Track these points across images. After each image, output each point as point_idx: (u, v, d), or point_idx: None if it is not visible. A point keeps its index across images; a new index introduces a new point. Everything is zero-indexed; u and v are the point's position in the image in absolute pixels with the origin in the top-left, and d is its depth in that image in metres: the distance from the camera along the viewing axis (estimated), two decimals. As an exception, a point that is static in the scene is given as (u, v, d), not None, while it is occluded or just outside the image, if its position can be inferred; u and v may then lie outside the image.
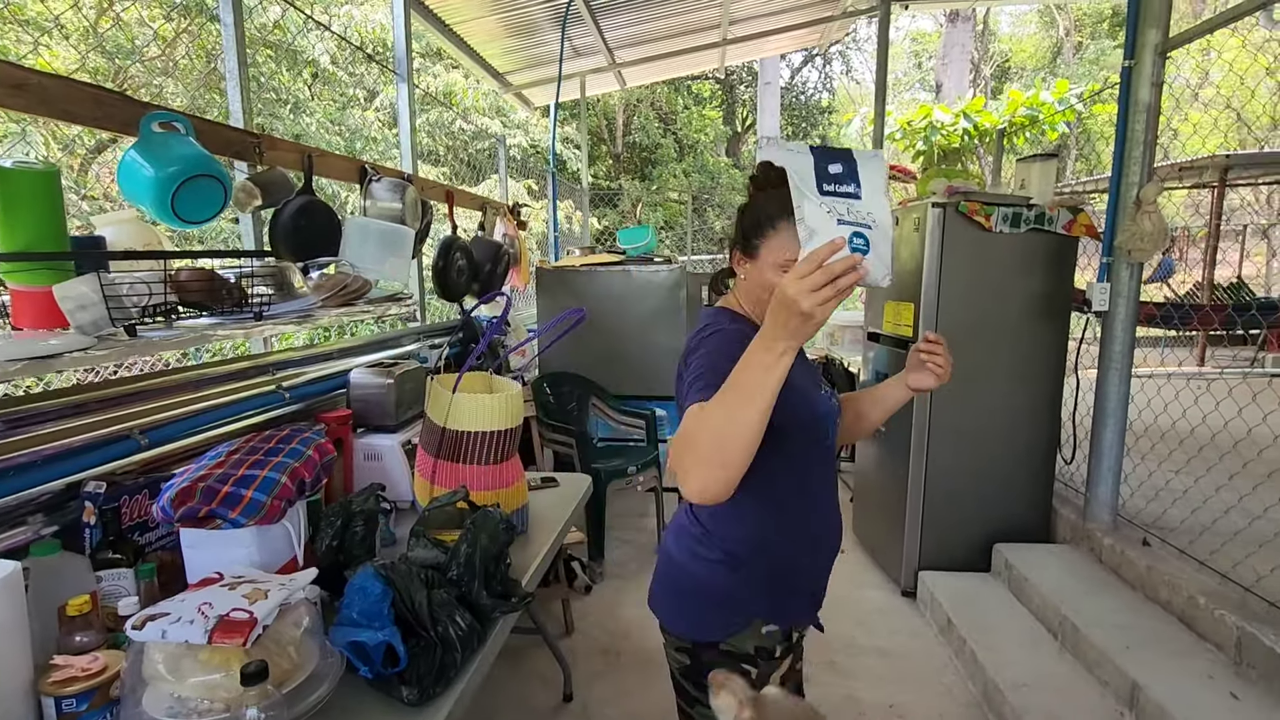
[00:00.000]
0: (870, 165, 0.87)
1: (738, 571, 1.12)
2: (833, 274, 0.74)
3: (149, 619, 0.93)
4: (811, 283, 0.74)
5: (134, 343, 1.03)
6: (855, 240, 0.82)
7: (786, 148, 0.86)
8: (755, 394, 0.82)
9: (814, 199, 0.84)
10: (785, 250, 1.03)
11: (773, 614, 1.14)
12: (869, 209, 0.85)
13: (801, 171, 0.85)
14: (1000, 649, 2.25)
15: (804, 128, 16.37)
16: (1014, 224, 2.63)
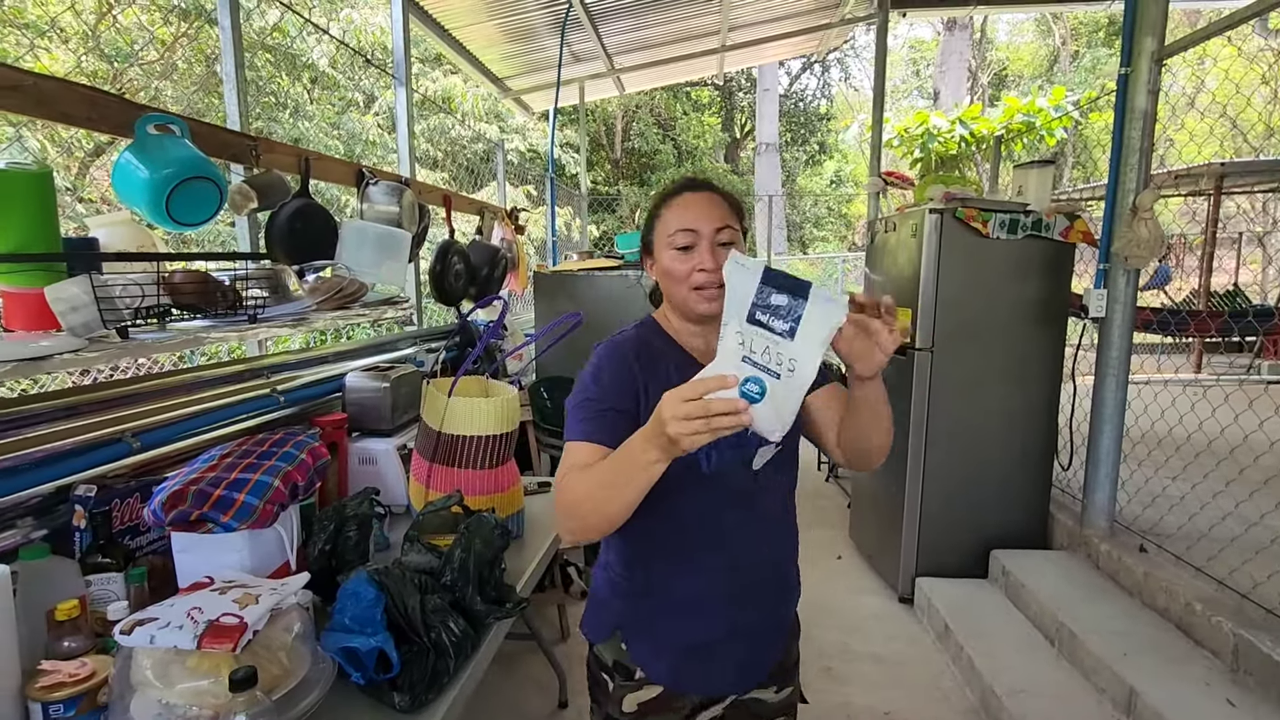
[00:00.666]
0: (822, 310, 0.78)
1: (608, 573, 1.10)
2: (708, 411, 0.70)
3: (137, 624, 0.92)
4: (686, 409, 0.71)
5: (125, 345, 1.02)
6: (749, 385, 0.75)
7: (741, 262, 0.80)
8: (626, 485, 0.82)
9: (736, 324, 0.79)
10: (667, 230, 1.01)
11: (637, 650, 1.06)
12: (793, 355, 0.77)
13: (741, 292, 0.80)
14: (997, 655, 2.24)
15: (802, 134, 16.43)
16: (1011, 230, 2.64)
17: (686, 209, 1.01)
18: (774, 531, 1.09)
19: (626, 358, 1.01)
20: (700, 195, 1.03)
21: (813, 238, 15.70)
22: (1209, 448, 2.68)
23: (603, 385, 0.98)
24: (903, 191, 5.42)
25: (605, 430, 0.94)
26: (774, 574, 1.10)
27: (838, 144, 16.96)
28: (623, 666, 1.07)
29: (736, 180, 14.41)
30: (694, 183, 1.05)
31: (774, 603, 1.11)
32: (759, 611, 1.08)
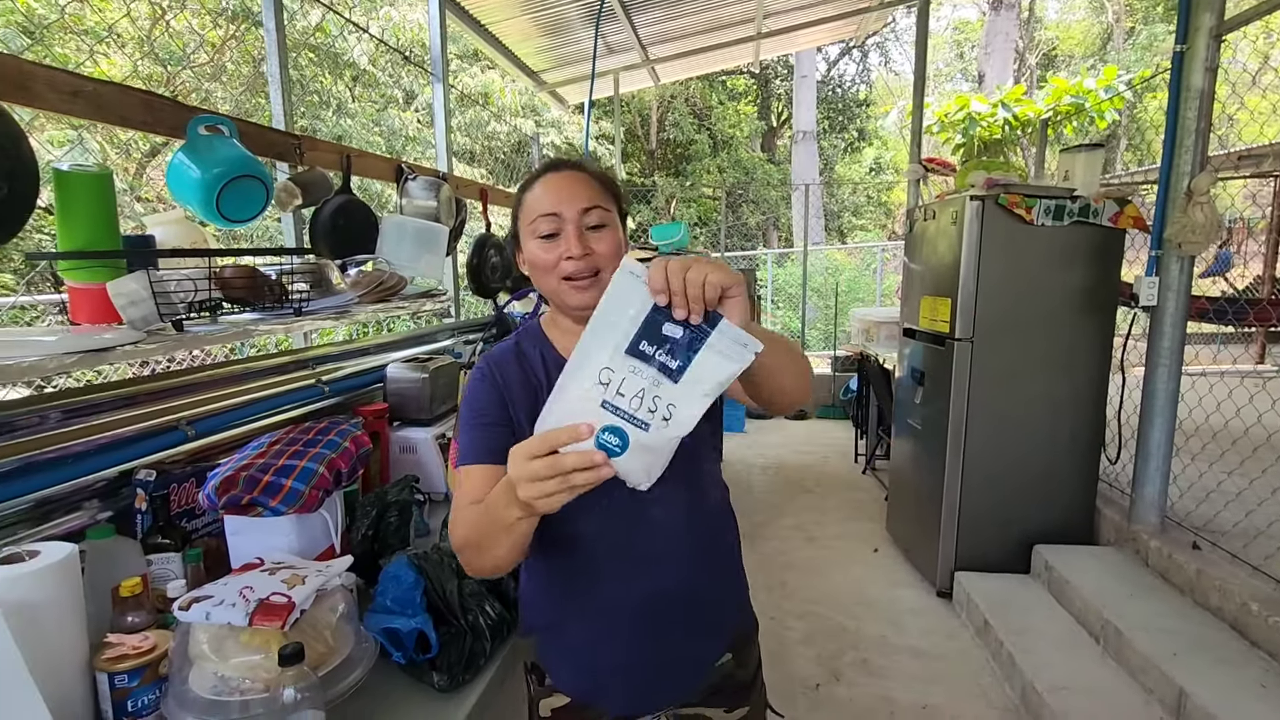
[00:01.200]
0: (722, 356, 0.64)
1: (527, 572, 1.05)
2: (561, 468, 0.62)
3: (194, 600, 0.98)
4: (533, 469, 0.62)
5: (181, 337, 1.07)
6: (607, 437, 0.62)
7: (634, 272, 0.65)
8: (502, 539, 0.77)
9: (606, 355, 0.64)
10: (529, 216, 0.92)
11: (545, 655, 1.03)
12: (673, 400, 0.64)
13: (624, 312, 0.65)
14: (1039, 652, 2.20)
15: (841, 121, 16.12)
16: (1057, 216, 2.56)
17: (548, 191, 0.91)
18: (683, 546, 0.97)
19: (489, 371, 0.95)
20: (564, 175, 0.93)
21: (851, 226, 15.42)
22: (1268, 441, 2.57)
23: (474, 402, 0.93)
24: (944, 178, 5.30)
25: (483, 448, 0.89)
26: (688, 592, 0.98)
27: (877, 130, 16.59)
28: (537, 669, 1.04)
29: (774, 169, 14.23)
30: (558, 163, 0.95)
31: (691, 623, 1.00)
32: (671, 631, 0.98)
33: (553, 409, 0.66)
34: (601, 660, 0.98)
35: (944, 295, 2.78)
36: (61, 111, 1.13)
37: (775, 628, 2.59)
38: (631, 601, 0.96)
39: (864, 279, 10.12)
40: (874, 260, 10.46)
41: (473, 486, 0.87)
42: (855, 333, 5.33)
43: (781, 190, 13.49)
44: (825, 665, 2.38)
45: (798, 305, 7.04)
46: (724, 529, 1.08)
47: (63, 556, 0.97)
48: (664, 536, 0.96)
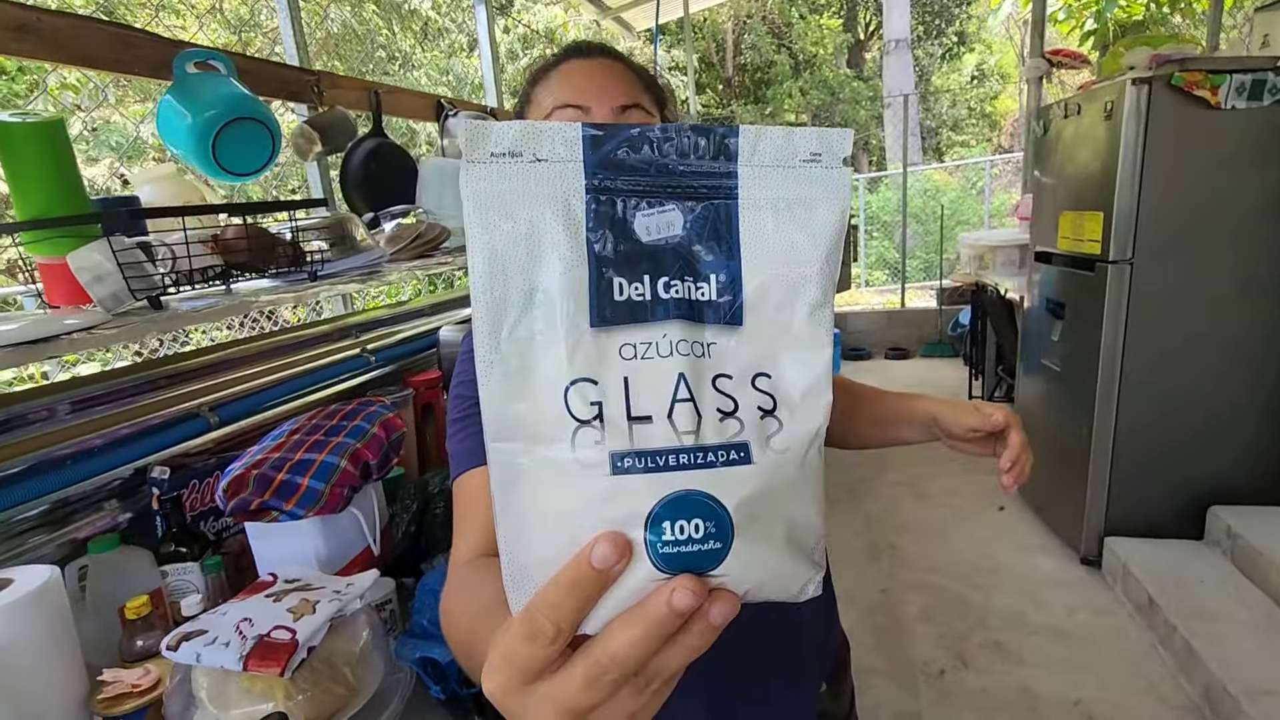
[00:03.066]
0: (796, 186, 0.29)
1: None
2: (618, 661, 0.25)
3: (184, 638, 0.81)
4: (563, 697, 0.27)
5: (156, 317, 0.88)
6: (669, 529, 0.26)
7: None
8: None
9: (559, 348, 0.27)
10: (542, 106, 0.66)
11: None
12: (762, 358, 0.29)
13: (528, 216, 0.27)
14: (1226, 640, 1.80)
15: (938, 25, 14.51)
16: (1254, 95, 1.99)
17: (571, 81, 0.66)
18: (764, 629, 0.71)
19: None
20: (592, 62, 0.68)
21: (950, 143, 14.04)
22: None
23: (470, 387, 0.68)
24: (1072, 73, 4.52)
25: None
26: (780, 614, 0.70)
27: (979, 33, 14.84)
28: None
29: (862, 86, 13.07)
30: (585, 46, 0.70)
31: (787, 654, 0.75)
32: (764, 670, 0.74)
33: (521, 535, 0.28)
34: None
35: (1093, 209, 2.28)
36: (7, 53, 0.94)
37: (888, 602, 2.29)
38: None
39: (968, 201, 9.18)
40: (980, 178, 9.45)
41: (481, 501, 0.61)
42: (965, 260, 4.75)
43: (871, 109, 12.40)
44: (950, 647, 2.08)
45: (894, 233, 6.41)
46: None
47: (39, 584, 0.82)
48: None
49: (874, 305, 6.43)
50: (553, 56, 0.70)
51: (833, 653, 0.88)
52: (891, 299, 6.52)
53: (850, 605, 2.26)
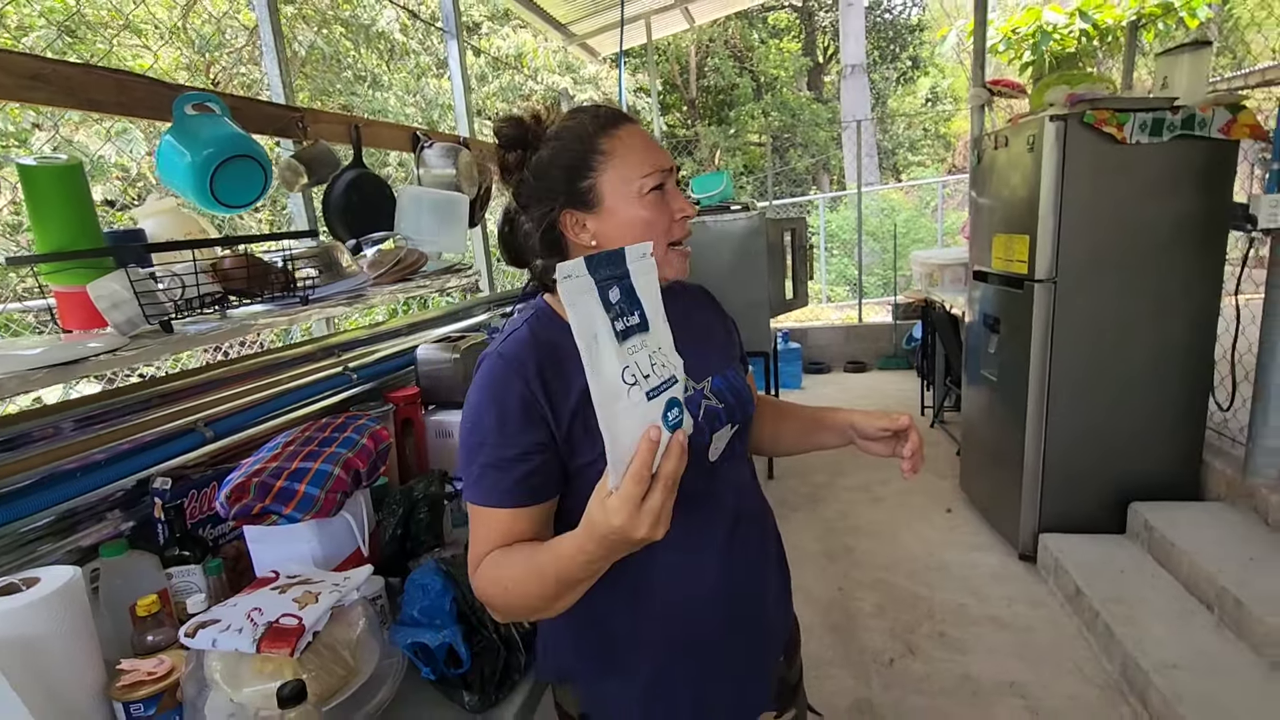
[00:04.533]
0: (636, 265, 0.59)
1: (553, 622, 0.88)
2: (665, 478, 0.55)
3: (200, 626, 0.90)
4: (651, 509, 0.55)
5: (168, 339, 0.98)
6: (670, 416, 0.58)
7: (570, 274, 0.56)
8: (575, 590, 0.68)
9: (612, 357, 0.56)
10: (632, 169, 0.78)
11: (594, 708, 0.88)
12: (660, 344, 0.60)
13: (588, 312, 0.56)
14: (1142, 623, 1.99)
15: (892, 50, 15.12)
16: (1155, 132, 2.23)
17: (648, 142, 0.80)
18: (753, 533, 0.89)
19: (519, 383, 0.75)
20: (643, 130, 0.82)
21: (907, 163, 14.58)
22: None
23: (501, 427, 0.74)
24: (1011, 102, 4.82)
25: (523, 490, 0.74)
26: (761, 584, 0.91)
27: (933, 57, 15.48)
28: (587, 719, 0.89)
29: (822, 108, 13.52)
30: (629, 115, 0.83)
31: (769, 618, 0.92)
32: (749, 634, 0.88)
33: (618, 444, 0.56)
34: (671, 690, 0.85)
35: (1020, 232, 2.49)
36: (21, 100, 1.04)
37: (843, 599, 2.44)
38: (707, 620, 0.85)
39: (923, 219, 9.56)
40: (933, 198, 9.86)
41: (499, 533, 0.74)
42: (917, 277, 5.01)
43: (831, 130, 12.82)
44: (899, 638, 2.23)
45: (852, 251, 6.68)
46: (769, 511, 0.97)
47: (64, 582, 0.91)
48: (732, 524, 0.86)
49: (833, 320, 6.67)
50: (605, 117, 0.81)
51: (788, 630, 1.01)
52: (850, 314, 6.77)
53: (809, 603, 2.40)
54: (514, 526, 0.74)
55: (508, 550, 0.73)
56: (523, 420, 0.74)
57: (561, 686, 0.93)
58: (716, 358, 0.92)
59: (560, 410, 0.75)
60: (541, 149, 0.81)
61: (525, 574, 0.69)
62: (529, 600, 0.70)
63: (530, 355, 0.77)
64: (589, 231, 0.80)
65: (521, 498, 0.74)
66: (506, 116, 0.82)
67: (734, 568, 0.85)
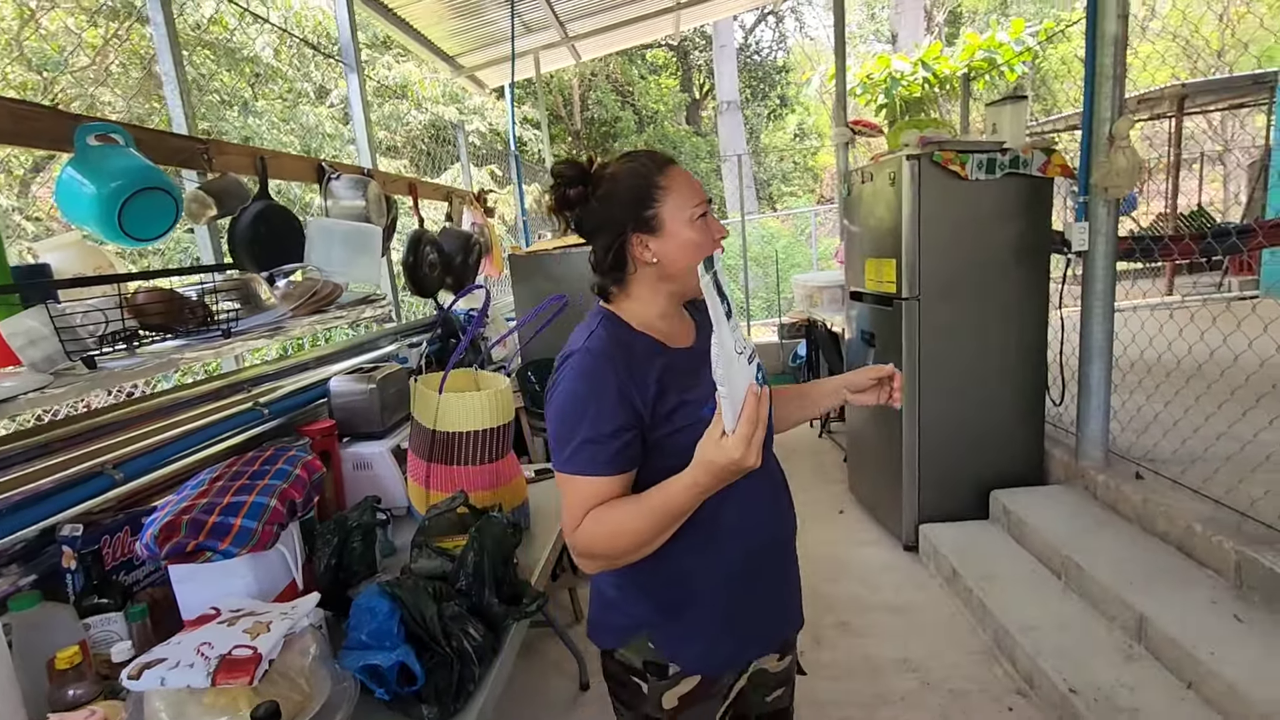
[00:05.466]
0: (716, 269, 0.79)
1: (620, 574, 1.00)
2: (764, 420, 0.74)
3: (145, 667, 0.88)
4: (757, 441, 0.74)
5: (94, 375, 0.95)
6: (759, 374, 0.78)
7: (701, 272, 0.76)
8: (676, 523, 0.86)
9: (726, 329, 0.74)
10: (685, 200, 0.96)
11: (669, 645, 1.00)
12: (736, 322, 0.78)
13: (714, 300, 0.75)
14: (1006, 594, 2.28)
15: (762, 89, 16.20)
16: (989, 170, 2.61)
17: (690, 179, 0.99)
18: (776, 486, 1.08)
19: (611, 373, 0.91)
20: (684, 169, 1.01)
21: (781, 193, 15.59)
22: (1200, 371, 2.72)
23: (600, 409, 0.90)
24: (870, 140, 5.36)
25: (620, 459, 0.90)
26: (784, 529, 1.09)
27: (799, 96, 16.76)
28: (655, 665, 1.01)
29: (700, 142, 14.22)
30: (671, 158, 1.02)
31: (789, 557, 1.11)
32: (778, 569, 1.08)
33: (735, 395, 0.74)
34: (727, 625, 1.01)
35: (888, 256, 2.81)
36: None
37: (753, 600, 2.60)
38: (747, 554, 1.01)
39: (799, 245, 10.26)
40: (808, 225, 10.61)
41: (596, 496, 0.89)
42: (799, 299, 5.39)
43: (711, 162, 13.49)
44: (807, 631, 2.40)
45: (739, 276, 7.08)
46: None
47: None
48: (766, 479, 1.04)
49: (725, 341, 6.99)
50: (657, 159, 0.98)
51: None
52: (739, 335, 7.13)
53: (722, 608, 2.54)
54: (609, 490, 0.89)
55: (609, 505, 0.89)
56: (617, 403, 0.90)
57: (632, 641, 1.02)
58: None
59: (644, 395, 0.92)
60: (602, 185, 0.97)
61: (634, 515, 0.86)
62: (638, 537, 0.87)
63: (616, 351, 0.93)
64: (651, 251, 0.96)
65: (618, 467, 0.90)
66: (566, 159, 0.99)
67: (777, 515, 1.06)
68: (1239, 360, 2.59)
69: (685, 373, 0.97)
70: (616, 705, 1.10)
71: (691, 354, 1.02)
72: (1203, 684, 1.68)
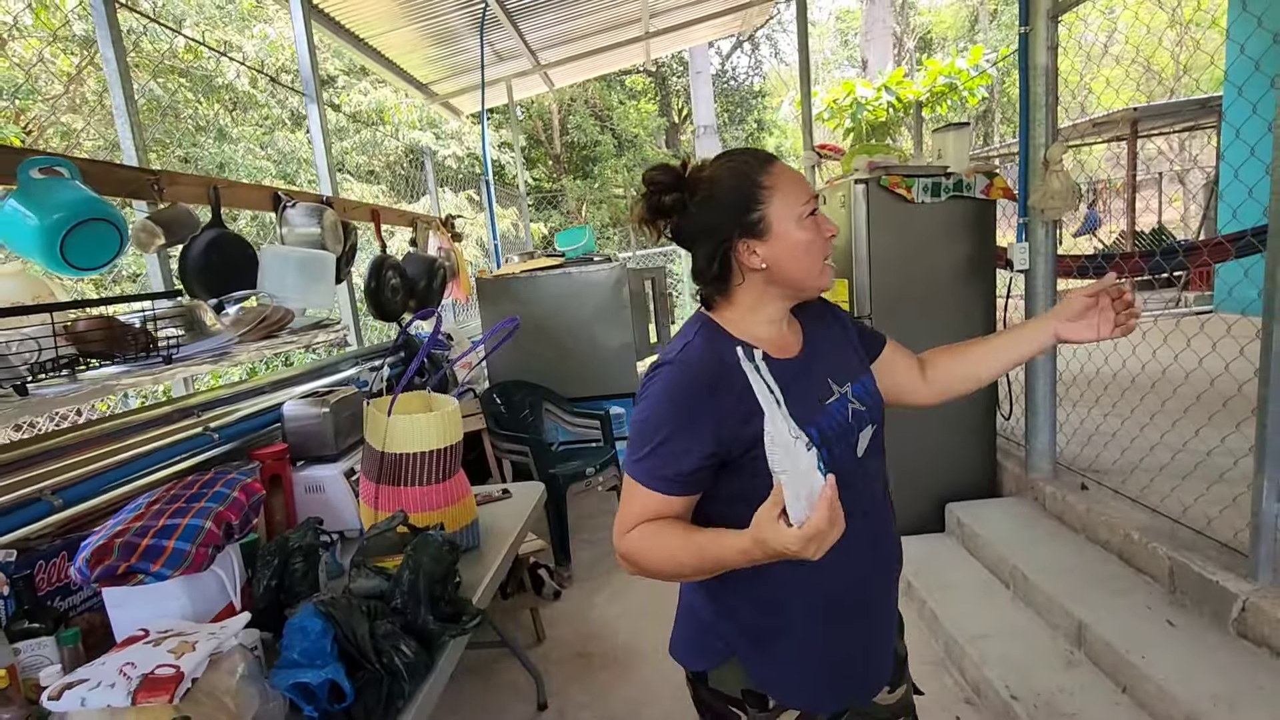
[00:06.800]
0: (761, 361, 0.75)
1: (713, 594, 0.97)
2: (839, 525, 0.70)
3: (66, 687, 0.90)
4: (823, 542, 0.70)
5: (25, 402, 0.98)
6: (822, 462, 0.71)
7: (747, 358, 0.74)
8: (714, 571, 0.83)
9: (781, 418, 0.71)
10: (795, 199, 0.90)
11: (763, 675, 0.95)
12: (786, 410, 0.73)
13: (762, 388, 0.72)
14: (958, 604, 2.32)
15: (739, 113, 16.52)
16: (935, 193, 2.71)
17: (795, 175, 0.92)
18: (884, 520, 1.00)
19: (697, 395, 0.87)
20: (788, 165, 0.94)
21: (760, 215, 15.81)
22: (1133, 383, 2.81)
23: (675, 424, 0.86)
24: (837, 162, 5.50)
25: (683, 483, 0.87)
26: (891, 565, 1.02)
27: (775, 120, 17.11)
28: (753, 695, 0.95)
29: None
30: (772, 155, 0.96)
31: (892, 596, 1.04)
32: (882, 608, 1.01)
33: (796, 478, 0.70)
34: (830, 660, 0.95)
35: (841, 276, 2.89)
36: None
37: (715, 617, 2.63)
38: (853, 589, 0.95)
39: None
40: (783, 246, 10.76)
41: (651, 510, 0.87)
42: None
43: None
44: (765, 647, 2.43)
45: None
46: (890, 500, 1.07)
47: (-97, 661, 0.87)
48: (875, 512, 0.97)
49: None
50: (759, 157, 0.93)
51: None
52: (715, 354, 7.21)
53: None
54: (664, 508, 0.87)
55: (660, 524, 0.86)
56: (694, 428, 0.85)
57: (725, 667, 0.97)
58: (854, 364, 1.03)
59: (730, 414, 0.86)
60: (700, 190, 0.91)
61: (681, 549, 0.83)
62: (679, 570, 0.85)
63: (707, 366, 0.88)
64: (759, 256, 0.90)
65: (675, 489, 0.86)
66: (659, 165, 0.94)
67: (875, 544, 0.97)
68: (1189, 377, 2.68)
69: (792, 385, 0.87)
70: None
71: (794, 364, 0.95)
72: (1136, 687, 1.73)
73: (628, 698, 2.19)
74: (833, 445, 0.91)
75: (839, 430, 0.92)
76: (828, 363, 0.99)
